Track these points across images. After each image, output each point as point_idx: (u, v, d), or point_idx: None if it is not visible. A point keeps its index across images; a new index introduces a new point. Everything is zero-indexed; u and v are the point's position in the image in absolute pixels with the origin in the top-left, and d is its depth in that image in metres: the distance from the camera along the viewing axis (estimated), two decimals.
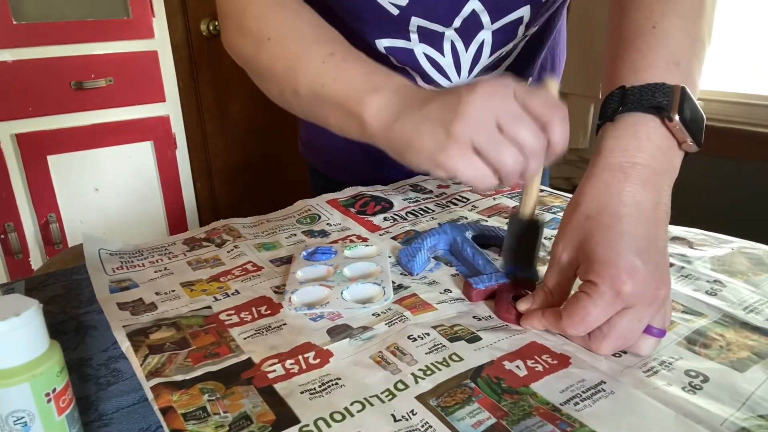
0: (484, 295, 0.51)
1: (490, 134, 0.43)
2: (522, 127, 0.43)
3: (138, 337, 0.47)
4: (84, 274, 0.59)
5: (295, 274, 0.55)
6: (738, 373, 0.40)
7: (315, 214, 0.73)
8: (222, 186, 2.09)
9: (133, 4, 1.69)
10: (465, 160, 0.44)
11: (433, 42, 0.67)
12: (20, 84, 1.58)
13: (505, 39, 0.68)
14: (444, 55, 0.69)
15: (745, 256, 0.56)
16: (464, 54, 0.69)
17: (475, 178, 0.45)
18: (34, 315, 0.31)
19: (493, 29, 0.66)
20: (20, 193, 1.66)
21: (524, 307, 0.46)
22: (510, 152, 0.44)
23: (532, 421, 0.36)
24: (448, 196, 0.77)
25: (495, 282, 0.51)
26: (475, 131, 0.43)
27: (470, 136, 0.43)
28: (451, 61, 0.69)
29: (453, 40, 0.67)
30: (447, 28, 0.66)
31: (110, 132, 1.75)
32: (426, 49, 0.68)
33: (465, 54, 0.69)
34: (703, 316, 0.47)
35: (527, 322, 0.46)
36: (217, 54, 1.95)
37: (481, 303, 0.51)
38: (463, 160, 0.44)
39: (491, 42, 0.68)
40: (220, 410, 0.38)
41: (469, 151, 0.44)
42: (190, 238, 0.67)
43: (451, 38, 0.67)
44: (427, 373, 0.41)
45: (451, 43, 0.67)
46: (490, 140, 0.43)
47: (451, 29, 0.66)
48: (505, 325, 0.47)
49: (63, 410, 0.32)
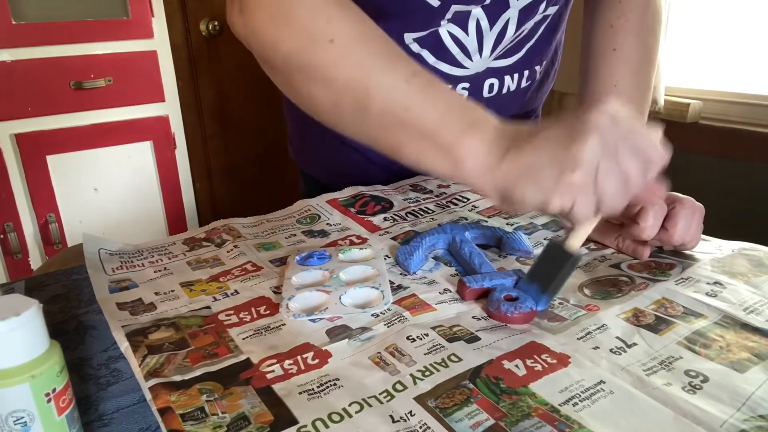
0: (477, 294, 0.51)
1: (611, 166, 0.42)
2: (633, 164, 0.43)
3: (137, 338, 0.47)
4: (84, 274, 0.59)
5: (291, 280, 0.54)
6: (738, 373, 0.40)
7: (315, 214, 0.73)
8: (221, 186, 2.09)
9: (133, 4, 1.69)
10: (584, 190, 0.42)
11: (459, 21, 0.66)
12: (20, 84, 1.58)
13: (528, 17, 0.68)
14: (468, 34, 0.68)
15: (745, 258, 0.57)
16: (488, 33, 0.68)
17: (583, 211, 0.44)
18: (34, 315, 0.31)
19: (519, 7, 0.66)
20: (19, 193, 1.66)
21: None
22: (618, 182, 0.43)
23: (531, 422, 0.36)
24: (448, 196, 0.77)
25: (489, 282, 0.51)
26: (599, 157, 0.42)
27: (595, 161, 0.42)
28: (474, 39, 0.68)
29: (479, 18, 0.66)
30: (476, 6, 0.64)
31: (109, 132, 1.75)
32: (451, 27, 0.67)
33: (489, 33, 0.68)
34: (703, 317, 0.47)
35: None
36: (216, 54, 1.95)
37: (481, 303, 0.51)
38: (583, 191, 0.42)
39: (516, 20, 0.67)
40: (218, 411, 0.38)
41: (592, 179, 0.42)
42: (189, 238, 0.67)
43: (477, 16, 0.66)
44: (425, 373, 0.41)
45: (477, 21, 0.66)
46: (610, 173, 0.42)
47: (479, 7, 0.65)
48: (504, 324, 0.47)
49: (63, 410, 0.32)
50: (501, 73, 0.75)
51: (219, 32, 1.92)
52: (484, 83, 0.76)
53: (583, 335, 0.45)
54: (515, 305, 0.47)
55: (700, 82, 1.71)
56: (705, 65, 1.70)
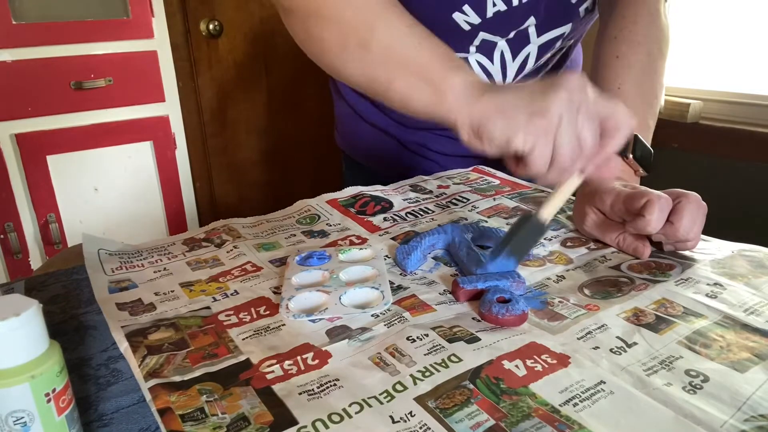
0: (470, 295, 0.51)
1: (571, 120, 0.47)
2: (588, 127, 0.47)
3: (136, 338, 0.47)
4: (84, 274, 0.59)
5: (290, 280, 0.54)
6: (738, 373, 0.40)
7: (314, 215, 0.73)
8: (221, 186, 2.09)
9: (133, 4, 1.69)
10: (546, 136, 0.47)
11: (486, 51, 0.75)
12: (20, 84, 1.58)
13: (546, 51, 0.77)
14: (493, 63, 0.76)
15: (745, 259, 0.56)
16: (511, 63, 0.77)
17: (539, 158, 0.48)
18: (34, 315, 0.31)
19: (538, 44, 0.75)
20: (20, 193, 1.66)
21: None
22: (572, 139, 0.47)
23: (531, 422, 0.36)
24: (448, 196, 0.77)
25: (483, 283, 0.51)
26: (564, 111, 0.47)
27: (561, 113, 0.47)
28: (499, 69, 0.77)
29: (503, 50, 0.75)
30: (501, 39, 0.74)
31: (110, 132, 1.75)
32: (479, 57, 0.76)
33: (512, 63, 0.77)
34: (703, 318, 0.47)
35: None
36: (216, 54, 1.95)
37: None
38: (545, 136, 0.47)
39: (536, 54, 0.77)
40: (218, 411, 0.38)
41: (554, 128, 0.47)
42: (189, 238, 0.67)
43: (501, 48, 0.75)
44: (425, 374, 0.41)
45: (501, 53, 0.75)
46: (569, 125, 0.47)
47: (504, 40, 0.74)
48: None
49: (63, 410, 0.32)
50: None
51: (219, 32, 1.92)
52: None
53: (583, 335, 0.45)
54: (507, 307, 0.47)
55: (700, 82, 1.71)
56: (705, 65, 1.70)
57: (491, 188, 0.79)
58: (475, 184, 0.81)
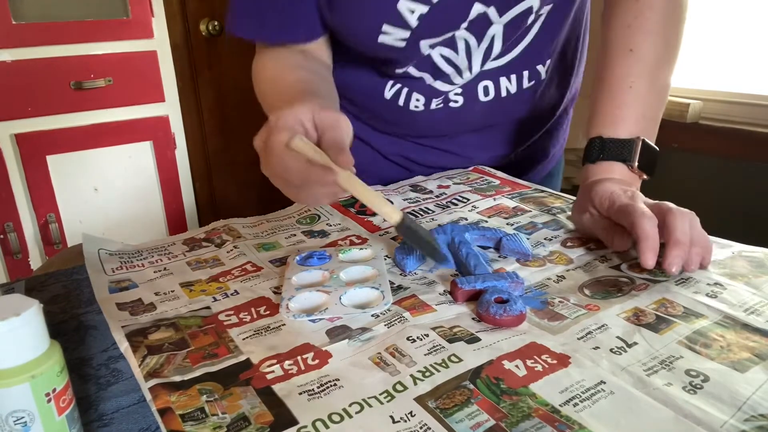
0: (468, 295, 0.51)
1: None
2: None
3: (137, 338, 0.47)
4: (84, 274, 0.59)
5: (291, 280, 0.54)
6: (738, 373, 0.40)
7: (315, 215, 0.73)
8: (221, 186, 2.09)
9: (133, 4, 1.69)
10: None
11: (448, 44, 0.72)
12: (20, 84, 1.58)
13: (516, 28, 0.72)
14: (458, 53, 0.73)
15: (745, 260, 0.56)
16: (476, 49, 0.73)
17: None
18: (34, 315, 0.31)
19: (503, 22, 0.70)
20: (19, 193, 1.66)
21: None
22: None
23: (531, 422, 0.36)
24: (448, 196, 0.77)
25: (481, 284, 0.51)
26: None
27: None
28: (464, 56, 0.73)
29: (466, 38, 0.71)
30: (457, 30, 0.70)
31: (109, 132, 1.75)
32: (442, 50, 0.72)
33: (477, 49, 0.73)
34: (703, 317, 0.47)
35: None
36: (216, 54, 1.94)
37: None
38: None
39: (502, 34, 0.71)
40: (218, 411, 0.38)
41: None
42: (189, 238, 0.67)
43: (463, 37, 0.71)
44: (425, 374, 0.41)
45: (465, 41, 0.71)
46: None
47: (461, 29, 0.69)
48: None
49: (63, 410, 0.32)
50: (494, 75, 0.76)
51: (219, 32, 1.92)
52: (477, 87, 0.76)
53: (583, 335, 0.45)
54: (504, 308, 0.47)
55: (701, 82, 1.71)
56: (705, 65, 1.70)
57: (491, 188, 0.79)
58: (475, 184, 0.81)
